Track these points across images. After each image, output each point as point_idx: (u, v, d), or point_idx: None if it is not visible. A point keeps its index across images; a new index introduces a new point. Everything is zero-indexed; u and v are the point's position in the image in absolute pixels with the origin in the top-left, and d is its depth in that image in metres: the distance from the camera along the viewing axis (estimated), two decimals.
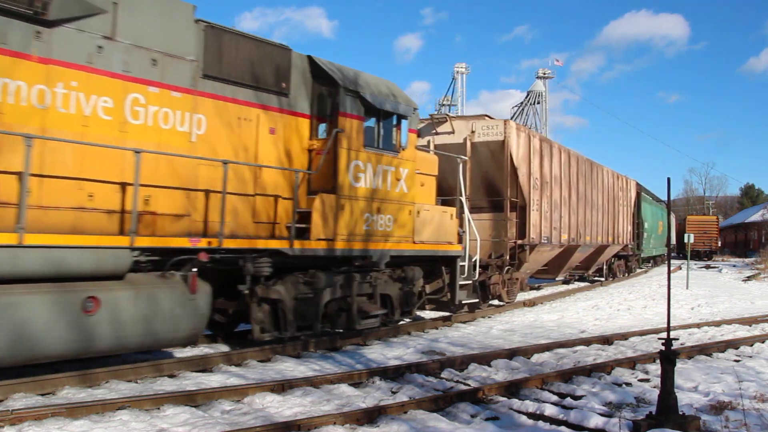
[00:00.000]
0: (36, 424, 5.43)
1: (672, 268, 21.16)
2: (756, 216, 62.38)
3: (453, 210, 11.95)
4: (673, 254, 48.53)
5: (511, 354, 9.19)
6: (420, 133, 13.86)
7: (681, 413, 5.79)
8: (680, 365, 8.48)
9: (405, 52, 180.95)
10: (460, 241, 12.02)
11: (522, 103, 74.95)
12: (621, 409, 6.65)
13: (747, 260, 45.55)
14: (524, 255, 15.61)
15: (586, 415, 6.03)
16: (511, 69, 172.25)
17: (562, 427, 5.91)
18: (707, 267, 39.80)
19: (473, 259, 12.40)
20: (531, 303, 16.51)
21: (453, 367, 8.32)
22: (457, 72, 71.15)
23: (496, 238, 15.00)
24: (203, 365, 8.06)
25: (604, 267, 25.15)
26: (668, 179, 6.46)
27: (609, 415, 6.18)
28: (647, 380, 8.01)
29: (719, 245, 57.17)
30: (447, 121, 14.99)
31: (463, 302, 12.19)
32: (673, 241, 40.70)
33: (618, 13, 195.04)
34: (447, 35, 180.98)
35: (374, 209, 9.88)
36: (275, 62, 9.00)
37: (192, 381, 7.35)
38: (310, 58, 9.59)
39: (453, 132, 14.79)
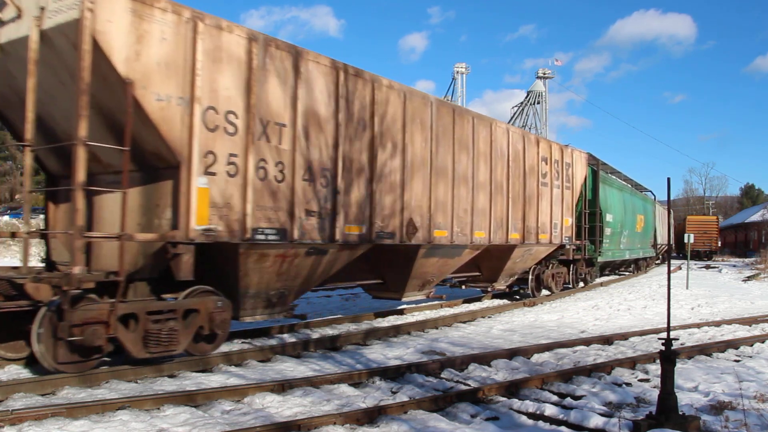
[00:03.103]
0: (36, 424, 5.44)
1: (672, 268, 21.15)
2: (756, 216, 62.49)
3: None
4: (672, 255, 48.52)
5: (511, 354, 9.19)
6: None
7: (681, 413, 5.79)
8: (680, 365, 8.50)
9: (411, 51, 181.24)
10: None
11: (522, 103, 74.91)
12: (621, 409, 6.65)
13: (747, 260, 45.56)
14: (180, 264, 7.44)
15: (586, 415, 6.03)
16: (515, 68, 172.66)
17: (562, 427, 5.92)
18: (707, 267, 39.80)
19: None
20: (531, 303, 16.51)
21: (453, 367, 8.32)
22: (457, 72, 71.03)
23: (148, 231, 7.51)
24: (203, 365, 8.06)
25: (530, 277, 17.16)
26: (668, 179, 6.46)
27: (609, 415, 6.18)
28: (647, 380, 8.01)
29: (719, 245, 57.21)
30: None
31: None
32: (670, 240, 40.44)
33: (626, 12, 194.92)
34: (453, 34, 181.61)
35: None
36: None
37: (192, 381, 7.36)
38: None
39: (20, 16, 7.29)
